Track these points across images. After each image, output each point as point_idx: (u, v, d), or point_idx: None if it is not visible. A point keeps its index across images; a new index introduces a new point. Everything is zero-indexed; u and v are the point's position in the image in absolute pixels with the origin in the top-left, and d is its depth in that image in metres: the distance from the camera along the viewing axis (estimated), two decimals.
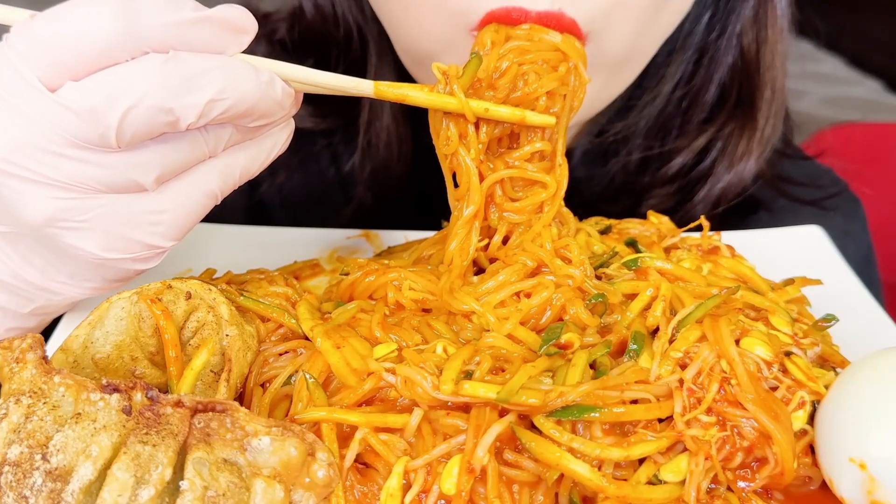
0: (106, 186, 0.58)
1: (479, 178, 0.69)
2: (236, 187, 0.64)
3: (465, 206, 0.69)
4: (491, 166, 0.70)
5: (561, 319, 0.67)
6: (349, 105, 1.04)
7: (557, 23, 0.70)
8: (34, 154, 0.55)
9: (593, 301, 0.67)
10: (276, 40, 1.08)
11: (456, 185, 0.71)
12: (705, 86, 1.00)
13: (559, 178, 0.71)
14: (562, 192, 0.71)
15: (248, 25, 0.59)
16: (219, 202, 0.64)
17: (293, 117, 0.66)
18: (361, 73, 1.01)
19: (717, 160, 1.00)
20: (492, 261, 0.72)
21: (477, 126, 0.68)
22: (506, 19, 0.70)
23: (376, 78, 0.98)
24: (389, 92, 0.66)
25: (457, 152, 0.68)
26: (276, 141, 0.64)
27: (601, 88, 0.82)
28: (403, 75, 0.92)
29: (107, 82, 0.54)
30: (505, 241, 0.72)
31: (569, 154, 0.79)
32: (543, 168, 0.71)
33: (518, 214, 0.71)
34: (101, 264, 0.61)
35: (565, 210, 0.75)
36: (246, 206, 1.10)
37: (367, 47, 1.02)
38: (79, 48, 0.54)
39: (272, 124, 0.63)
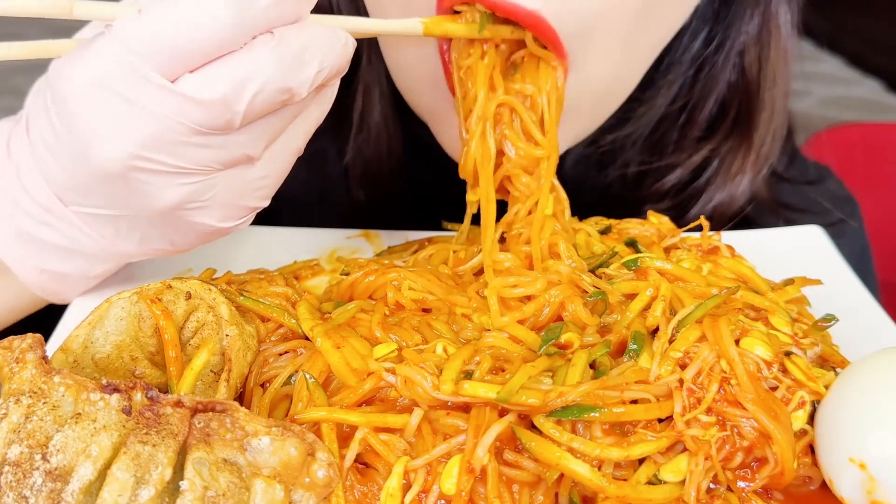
0: (223, 164, 0.61)
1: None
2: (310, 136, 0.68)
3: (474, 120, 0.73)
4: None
5: (560, 318, 0.67)
6: (345, 102, 1.04)
7: (543, 31, 0.70)
8: (163, 147, 0.57)
9: (593, 299, 0.67)
10: None
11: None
12: (703, 101, 0.99)
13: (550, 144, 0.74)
14: (555, 157, 0.74)
15: None
16: (301, 153, 0.68)
17: None
18: (355, 70, 1.01)
19: (712, 178, 0.99)
20: (502, 240, 0.74)
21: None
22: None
23: (368, 77, 0.99)
24: (436, 28, 0.71)
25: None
26: (334, 88, 0.67)
27: (590, 119, 0.84)
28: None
29: (231, 71, 0.56)
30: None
31: (561, 162, 0.79)
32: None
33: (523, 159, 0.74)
34: (213, 232, 0.66)
35: (564, 196, 0.77)
36: None
37: (360, 45, 1.02)
38: (197, 41, 0.55)
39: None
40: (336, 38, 0.61)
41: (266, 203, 0.67)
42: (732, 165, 0.99)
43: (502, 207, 0.76)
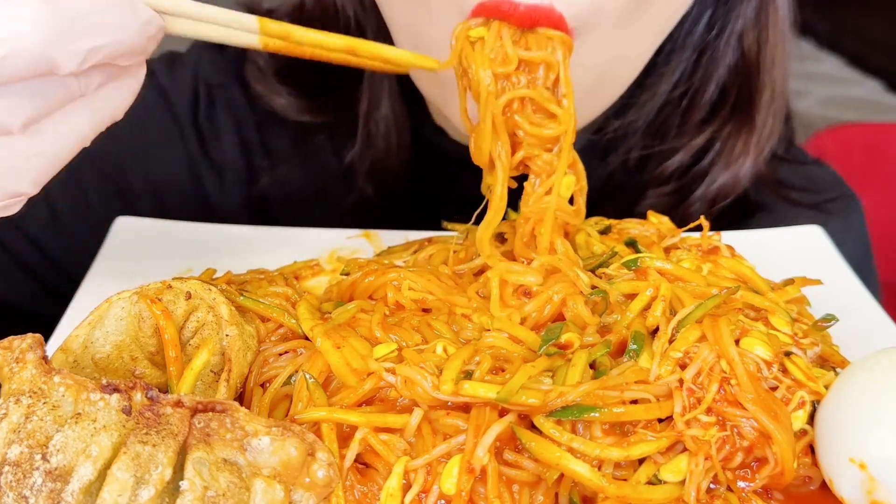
0: None
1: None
2: (103, 129, 0.60)
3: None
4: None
5: (561, 317, 0.67)
6: (348, 97, 1.04)
7: (546, 18, 0.70)
8: None
9: (594, 297, 0.67)
10: None
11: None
12: (704, 85, 1.00)
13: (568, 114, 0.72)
14: (572, 130, 0.72)
15: None
16: (87, 145, 0.60)
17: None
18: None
19: (715, 160, 1.00)
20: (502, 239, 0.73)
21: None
22: (494, 12, 0.70)
23: (374, 74, 0.98)
24: (275, 30, 0.63)
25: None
26: (138, 78, 0.60)
27: (596, 89, 0.82)
28: None
29: None
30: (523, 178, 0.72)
31: None
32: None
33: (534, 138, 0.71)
34: None
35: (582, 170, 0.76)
36: (247, 200, 1.10)
37: (365, 36, 1.02)
38: None
39: (137, 63, 0.59)
40: (132, 15, 0.54)
41: (34, 190, 0.57)
42: (735, 147, 0.99)
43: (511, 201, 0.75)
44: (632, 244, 0.78)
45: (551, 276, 0.69)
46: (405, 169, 1.05)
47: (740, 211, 1.01)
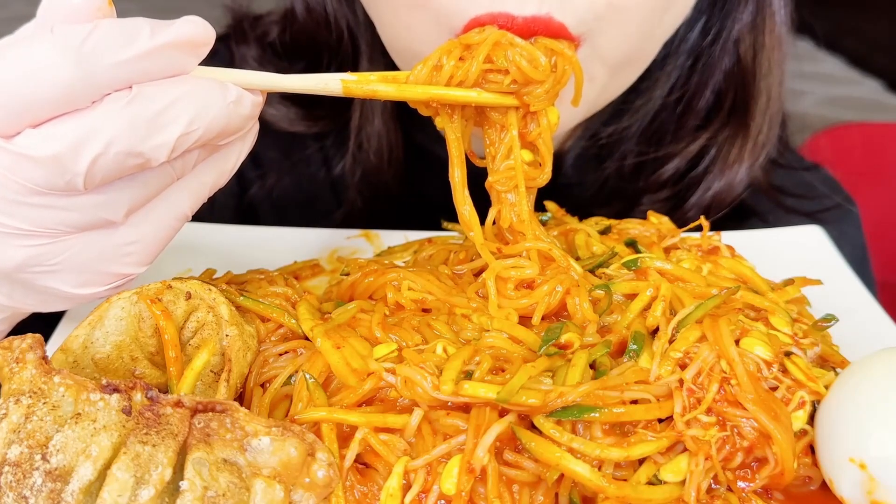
0: (75, 228, 0.57)
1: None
2: (206, 200, 0.63)
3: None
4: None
5: (563, 312, 0.67)
6: (341, 108, 1.04)
7: (545, 28, 0.68)
8: None
9: (596, 294, 0.67)
10: (267, 43, 1.07)
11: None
12: (700, 91, 1.00)
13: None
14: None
15: (208, 38, 0.56)
16: (189, 220, 0.63)
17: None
18: None
19: (710, 167, 1.00)
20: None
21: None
22: (491, 25, 0.69)
23: None
24: (358, 90, 0.64)
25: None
26: (242, 148, 0.62)
27: (601, 90, 0.82)
28: None
29: (69, 130, 0.52)
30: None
31: (561, 158, 0.79)
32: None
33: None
34: (70, 297, 0.61)
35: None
36: (236, 208, 1.10)
37: (358, 50, 1.02)
38: (33, 96, 0.51)
39: (239, 136, 0.61)
40: (220, 95, 0.56)
41: (140, 270, 0.61)
42: (730, 154, 0.99)
43: None
44: (632, 244, 0.78)
45: (547, 266, 0.69)
46: (397, 181, 1.05)
47: (736, 218, 1.01)
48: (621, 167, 1.04)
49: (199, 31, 0.55)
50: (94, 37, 0.51)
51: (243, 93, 0.58)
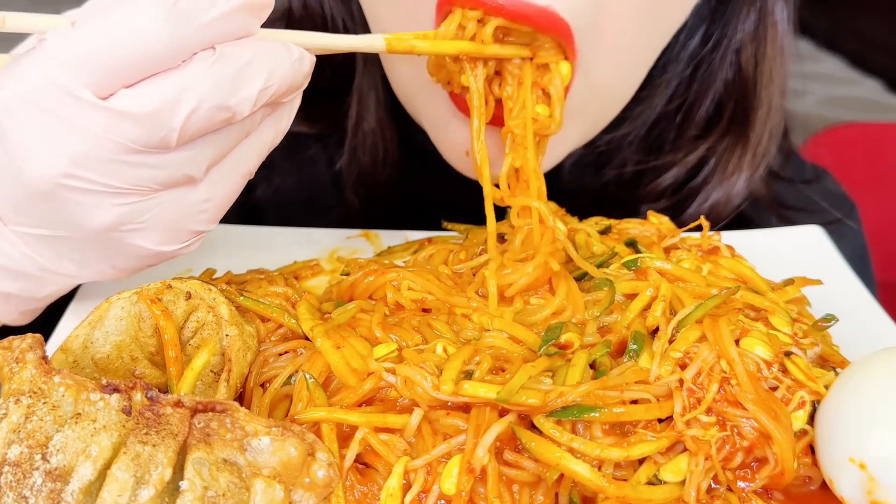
0: (161, 185, 0.59)
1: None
2: (264, 159, 0.67)
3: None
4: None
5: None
6: (338, 108, 1.04)
7: (548, 21, 0.69)
8: (94, 165, 0.56)
9: (597, 292, 0.68)
10: None
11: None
12: (699, 100, 0.99)
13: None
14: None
15: (269, 1, 0.60)
16: (252, 177, 0.66)
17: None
18: (349, 74, 1.01)
19: (709, 178, 0.99)
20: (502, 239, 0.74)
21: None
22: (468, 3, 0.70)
23: (363, 83, 0.98)
24: (399, 45, 0.69)
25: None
26: (292, 108, 0.66)
27: (598, 118, 0.83)
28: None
29: (167, 87, 0.55)
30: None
31: (558, 165, 0.79)
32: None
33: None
34: (153, 255, 0.63)
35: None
36: (240, 208, 1.10)
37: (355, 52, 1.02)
38: (130, 56, 0.54)
39: (296, 95, 0.65)
40: (286, 54, 0.60)
41: (211, 227, 0.65)
42: (729, 164, 0.98)
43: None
44: (632, 244, 0.78)
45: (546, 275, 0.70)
46: (393, 181, 1.04)
47: (734, 229, 1.01)
48: (620, 175, 1.03)
49: None
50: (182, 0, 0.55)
51: (304, 52, 0.62)
